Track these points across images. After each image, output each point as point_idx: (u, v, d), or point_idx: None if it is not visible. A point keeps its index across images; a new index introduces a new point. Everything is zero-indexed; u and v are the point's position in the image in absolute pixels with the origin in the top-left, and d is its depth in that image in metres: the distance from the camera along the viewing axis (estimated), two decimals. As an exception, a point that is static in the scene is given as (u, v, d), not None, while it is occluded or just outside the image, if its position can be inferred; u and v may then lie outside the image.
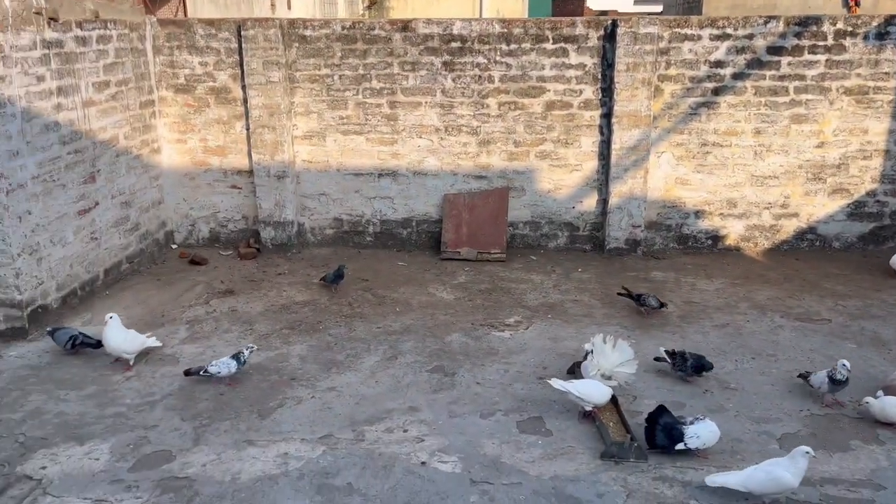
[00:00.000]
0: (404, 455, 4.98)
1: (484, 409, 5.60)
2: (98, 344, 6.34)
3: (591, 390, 5.30)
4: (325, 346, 6.75)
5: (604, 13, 25.09)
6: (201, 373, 5.91)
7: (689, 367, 5.84)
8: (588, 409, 5.30)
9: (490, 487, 4.62)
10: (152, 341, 6.40)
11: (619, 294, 7.54)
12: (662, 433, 4.86)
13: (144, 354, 6.44)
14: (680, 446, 4.78)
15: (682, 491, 4.55)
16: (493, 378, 6.09)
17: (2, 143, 6.38)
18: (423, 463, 4.89)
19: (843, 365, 5.39)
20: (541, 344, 6.74)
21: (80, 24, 7.55)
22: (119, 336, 6.19)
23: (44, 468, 4.85)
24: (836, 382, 5.37)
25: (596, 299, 7.85)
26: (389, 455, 4.98)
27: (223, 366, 5.88)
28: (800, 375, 5.78)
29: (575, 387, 5.31)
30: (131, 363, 6.25)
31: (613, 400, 5.42)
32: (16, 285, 6.66)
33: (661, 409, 5.00)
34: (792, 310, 7.45)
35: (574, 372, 6.01)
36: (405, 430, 5.30)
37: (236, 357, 5.93)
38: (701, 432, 4.77)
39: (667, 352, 6.01)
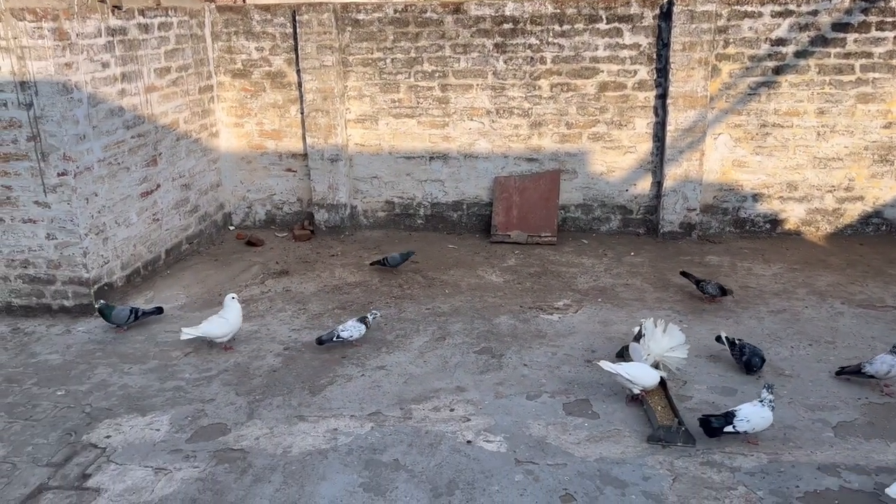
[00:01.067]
0: (450, 433, 5.05)
1: (530, 390, 5.62)
2: (159, 311, 6.90)
3: (640, 373, 5.25)
4: (375, 326, 6.86)
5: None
6: (334, 339, 6.21)
7: (743, 362, 5.70)
8: (636, 391, 5.26)
9: (534, 467, 4.65)
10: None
11: (681, 273, 7.39)
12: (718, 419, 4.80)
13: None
14: (728, 429, 4.71)
15: (731, 476, 4.49)
16: (541, 360, 6.10)
17: (69, 127, 6.67)
18: (468, 442, 4.95)
19: None
20: (590, 328, 6.71)
21: (142, 12, 7.80)
22: (238, 315, 6.43)
23: (108, 437, 5.10)
24: None
25: (648, 283, 7.74)
26: (436, 433, 5.06)
27: (354, 330, 6.22)
28: (841, 372, 5.55)
29: (624, 369, 5.27)
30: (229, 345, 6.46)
31: (662, 384, 5.36)
32: (83, 263, 6.98)
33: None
34: (854, 296, 7.20)
35: (623, 356, 5.96)
36: (452, 410, 5.37)
37: (363, 320, 6.23)
38: (752, 416, 4.69)
39: (726, 338, 5.87)
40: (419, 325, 6.85)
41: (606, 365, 5.32)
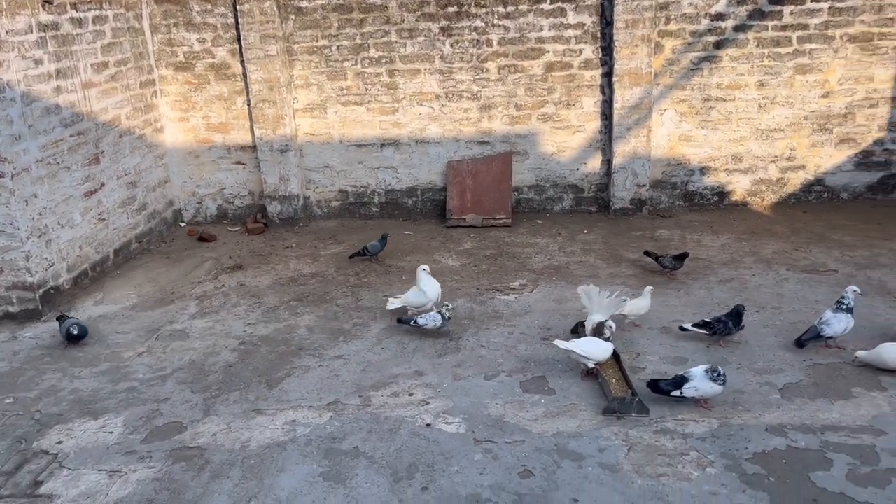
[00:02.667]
0: (409, 418, 5.07)
1: (488, 370, 5.67)
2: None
3: (593, 347, 5.34)
4: (332, 315, 6.84)
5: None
6: (411, 323, 6.20)
7: (730, 328, 5.74)
8: (591, 366, 5.35)
9: (493, 446, 4.70)
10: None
11: (644, 253, 7.47)
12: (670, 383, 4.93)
13: (155, 332, 6.57)
14: (675, 394, 4.83)
15: (683, 442, 4.60)
16: (498, 341, 6.15)
17: (3, 127, 6.46)
18: (427, 425, 4.97)
19: (854, 290, 5.57)
20: (545, 306, 6.78)
21: (74, 6, 7.57)
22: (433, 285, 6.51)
23: (59, 443, 5.00)
24: (848, 310, 5.47)
25: (601, 260, 7.85)
26: (395, 418, 5.07)
27: (430, 319, 6.15)
28: (801, 342, 5.62)
29: (577, 345, 5.35)
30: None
31: (616, 357, 5.46)
32: (26, 268, 6.79)
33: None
34: (798, 262, 7.41)
35: (578, 331, 6.05)
36: (410, 394, 5.39)
37: (440, 313, 6.17)
38: (700, 384, 4.81)
39: (697, 325, 5.83)
40: (377, 313, 6.84)
41: (561, 343, 5.39)
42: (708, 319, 5.81)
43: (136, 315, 7.05)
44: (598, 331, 5.61)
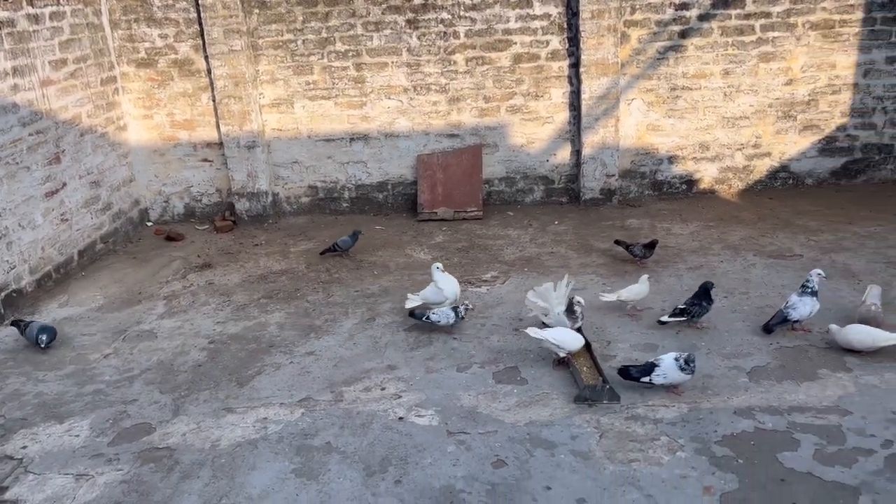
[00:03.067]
0: (382, 412, 5.04)
1: (461, 363, 5.66)
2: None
3: (565, 336, 5.35)
4: (303, 312, 6.78)
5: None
6: (423, 319, 6.07)
7: (705, 308, 5.82)
8: (562, 355, 5.36)
9: (466, 437, 4.69)
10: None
11: (615, 242, 7.49)
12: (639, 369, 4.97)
13: (122, 333, 6.45)
14: (645, 380, 4.87)
15: (654, 428, 4.63)
16: (470, 333, 6.14)
17: (-42, 127, 6.29)
18: (400, 418, 4.95)
19: (818, 273, 5.64)
20: (517, 297, 6.77)
21: (31, 2, 7.39)
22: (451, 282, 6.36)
23: (24, 447, 4.88)
24: (813, 293, 5.56)
25: (572, 250, 7.88)
26: (367, 413, 5.04)
27: (443, 315, 6.02)
28: (769, 328, 5.68)
29: (550, 334, 5.36)
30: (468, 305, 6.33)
31: (587, 345, 5.48)
32: (-13, 271, 6.63)
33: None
34: (765, 248, 7.51)
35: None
36: (383, 388, 5.36)
37: (454, 310, 6.04)
38: (669, 372, 4.84)
39: (673, 314, 5.83)
40: (348, 308, 6.79)
41: (533, 332, 5.40)
42: (682, 306, 5.85)
43: (103, 316, 6.92)
44: (570, 310, 5.62)
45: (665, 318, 5.85)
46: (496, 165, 9.39)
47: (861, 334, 5.25)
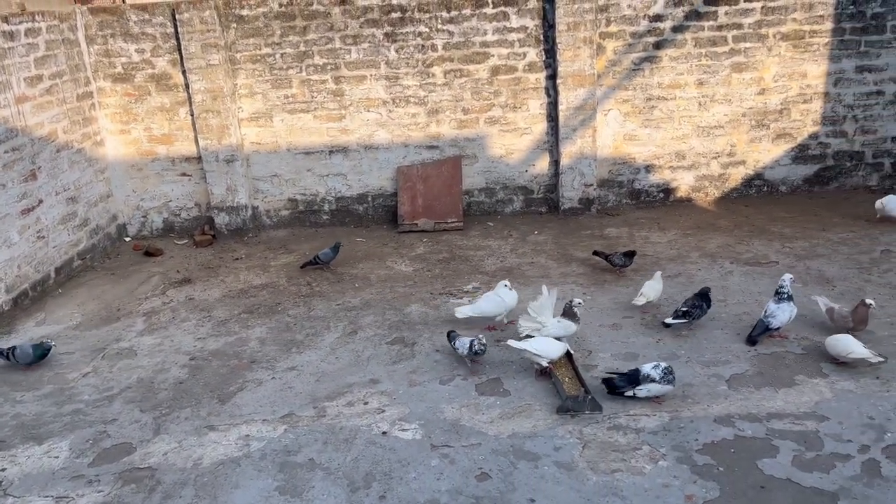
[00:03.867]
0: (365, 427, 5.04)
1: (443, 375, 5.67)
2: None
3: (546, 346, 5.39)
4: (284, 327, 6.76)
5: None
6: (449, 339, 5.74)
7: (704, 310, 5.96)
8: (545, 364, 5.40)
9: (450, 450, 4.70)
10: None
11: (593, 253, 7.56)
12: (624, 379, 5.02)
13: (101, 351, 6.39)
14: (629, 394, 4.93)
15: (636, 437, 4.68)
16: (452, 345, 6.15)
17: (-69, 146, 6.21)
18: (384, 433, 4.95)
19: (790, 278, 5.77)
20: (498, 308, 6.81)
21: (5, 19, 7.33)
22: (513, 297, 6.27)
23: (3, 470, 4.81)
24: (789, 298, 5.69)
25: (552, 260, 7.94)
26: (351, 428, 5.03)
27: (461, 344, 5.60)
28: (752, 340, 5.77)
29: (531, 345, 5.40)
30: (505, 321, 6.32)
31: (568, 355, 5.53)
32: (-38, 290, 6.53)
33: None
34: (741, 255, 7.62)
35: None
36: (366, 403, 5.35)
37: (472, 343, 5.58)
38: (652, 387, 4.90)
39: (677, 315, 5.94)
40: (330, 322, 6.78)
41: (514, 343, 5.44)
42: (684, 308, 5.96)
43: (81, 334, 6.85)
44: (569, 312, 5.67)
45: (669, 321, 5.96)
46: (476, 176, 9.44)
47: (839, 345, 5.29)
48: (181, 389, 5.73)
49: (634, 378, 4.98)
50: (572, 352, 5.58)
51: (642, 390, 4.92)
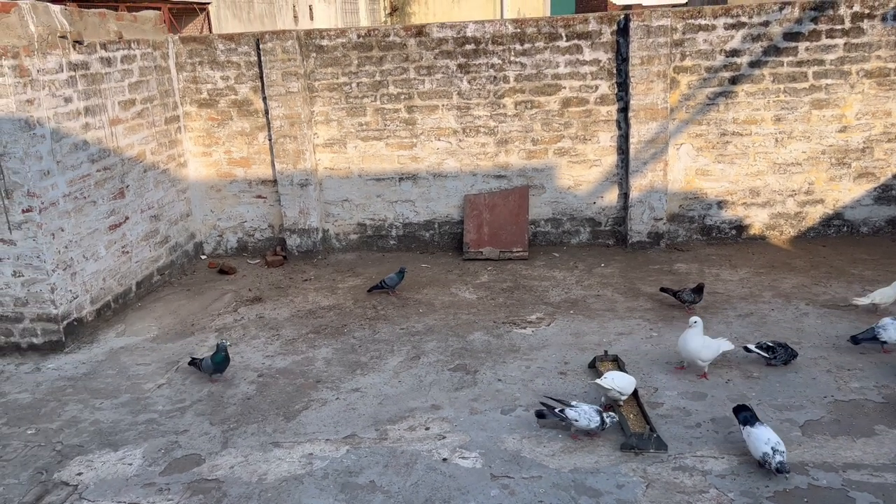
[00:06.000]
0: (426, 452, 5.06)
1: (505, 405, 5.65)
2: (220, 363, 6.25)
3: (623, 382, 5.33)
4: (349, 348, 6.88)
5: (627, 8, 24.94)
6: (557, 411, 5.16)
7: (780, 360, 5.89)
8: (623, 400, 5.31)
9: (510, 481, 4.67)
10: (726, 345, 5.93)
11: (661, 290, 7.47)
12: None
13: (175, 364, 6.63)
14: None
15: (703, 480, 4.55)
16: (515, 375, 6.14)
17: (33, 163, 6.65)
18: (444, 459, 4.96)
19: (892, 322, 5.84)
20: (562, 339, 6.77)
21: (104, 46, 7.82)
22: (698, 342, 5.81)
23: (80, 474, 5.04)
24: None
25: (619, 294, 7.84)
26: (411, 453, 5.07)
27: (583, 416, 5.02)
28: (855, 340, 5.92)
29: (616, 383, 5.30)
30: (706, 370, 5.90)
31: (634, 392, 5.43)
32: (52, 300, 6.91)
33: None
34: (818, 297, 7.35)
35: (594, 366, 6.04)
36: (427, 428, 5.38)
37: (600, 412, 5.07)
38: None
39: (759, 345, 5.94)
40: (393, 346, 6.87)
41: (605, 382, 5.32)
42: (770, 343, 5.94)
43: (157, 347, 7.14)
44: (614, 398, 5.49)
45: (751, 347, 5.97)
46: (542, 206, 9.45)
47: None
48: (249, 405, 5.90)
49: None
50: (638, 388, 5.49)
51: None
